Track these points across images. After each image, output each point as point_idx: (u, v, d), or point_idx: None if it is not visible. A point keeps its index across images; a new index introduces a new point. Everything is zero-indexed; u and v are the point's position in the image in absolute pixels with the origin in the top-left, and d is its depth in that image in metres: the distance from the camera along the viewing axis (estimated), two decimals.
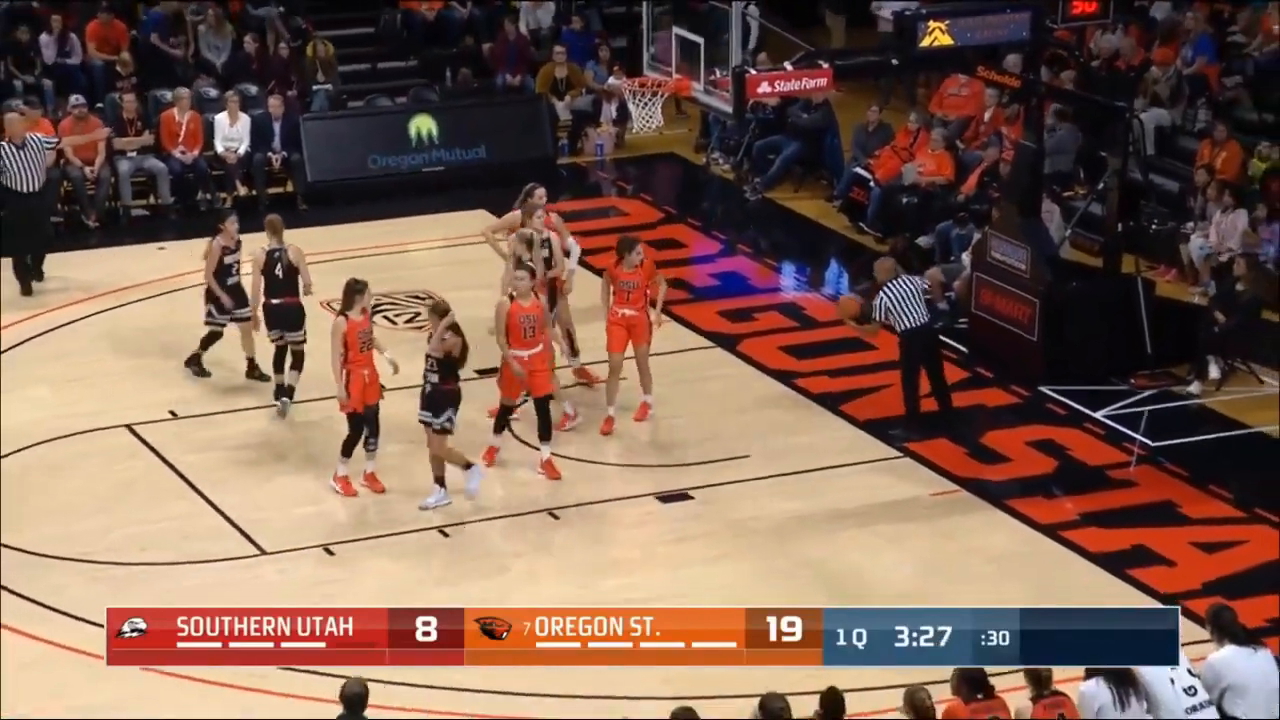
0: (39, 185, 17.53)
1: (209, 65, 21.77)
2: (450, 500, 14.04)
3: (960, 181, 19.57)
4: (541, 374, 14.57)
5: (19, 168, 17.35)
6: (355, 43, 23.27)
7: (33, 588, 13.00)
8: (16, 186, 17.38)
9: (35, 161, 17.41)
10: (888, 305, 15.32)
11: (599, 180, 21.92)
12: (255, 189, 20.40)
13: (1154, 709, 10.11)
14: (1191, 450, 15.30)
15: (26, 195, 17.45)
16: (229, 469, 14.65)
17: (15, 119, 17.77)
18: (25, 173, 17.37)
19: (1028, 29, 15.94)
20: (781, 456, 15.01)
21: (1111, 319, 16.46)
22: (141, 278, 18.32)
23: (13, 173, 17.33)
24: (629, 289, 15.23)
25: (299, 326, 15.41)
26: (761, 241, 20.14)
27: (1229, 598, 11.79)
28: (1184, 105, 20.47)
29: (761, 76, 15.44)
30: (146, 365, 16.50)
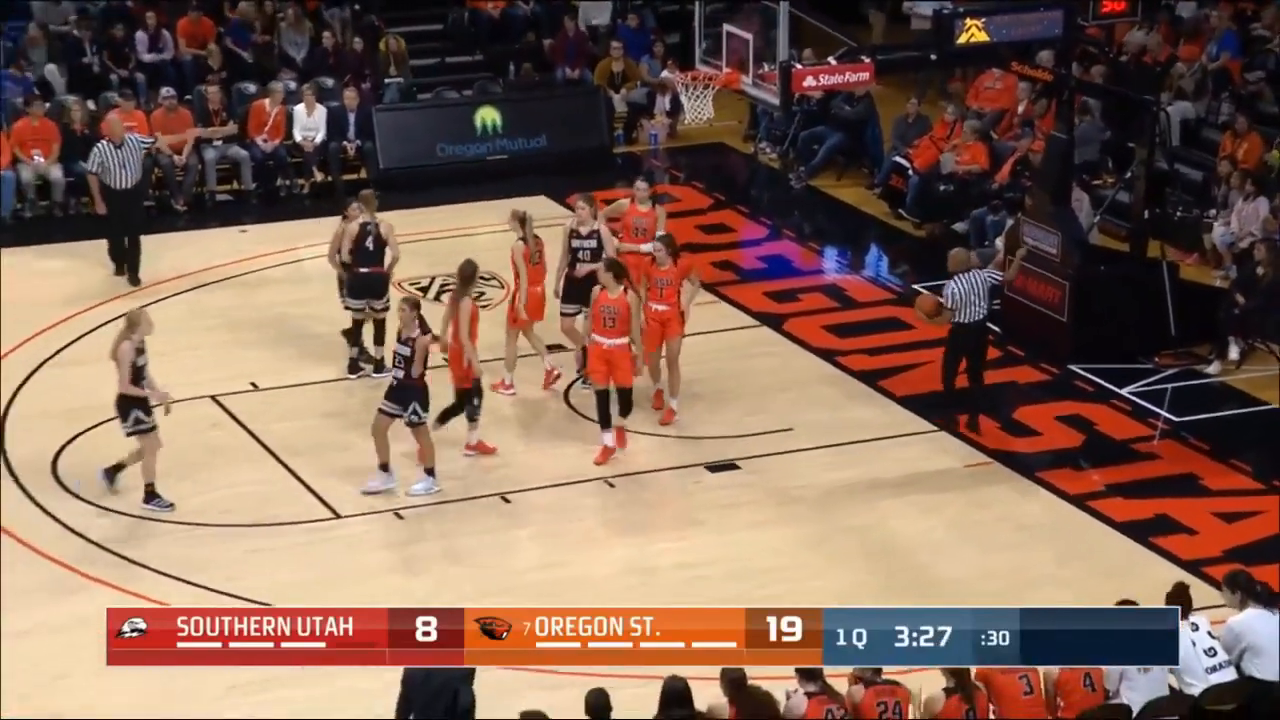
0: (135, 182, 17.48)
1: (290, 60, 21.86)
2: (439, 487, 13.75)
3: (994, 170, 19.47)
4: (623, 367, 14.31)
5: (117, 166, 17.26)
6: (425, 39, 23.28)
7: (126, 547, 13.12)
8: (115, 184, 17.30)
9: (132, 160, 17.32)
10: (958, 296, 14.69)
11: (652, 168, 21.86)
12: (331, 176, 20.47)
13: (1176, 670, 10.07)
14: (1212, 425, 15.22)
15: (123, 192, 17.38)
16: (306, 437, 14.71)
17: (115, 120, 17.66)
18: (123, 171, 17.31)
19: (1060, 26, 15.83)
20: (824, 429, 14.98)
21: (1137, 301, 16.36)
22: (225, 259, 18.42)
23: (112, 170, 17.27)
24: (662, 285, 14.85)
25: (383, 295, 15.43)
26: (805, 227, 20.07)
27: (1247, 565, 11.74)
28: (1208, 99, 20.30)
29: (806, 71, 15.42)
30: (230, 339, 16.61)
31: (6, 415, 15.07)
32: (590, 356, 14.56)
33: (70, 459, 14.29)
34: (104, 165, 17.24)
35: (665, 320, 14.92)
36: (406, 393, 13.51)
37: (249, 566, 12.94)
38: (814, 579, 12.89)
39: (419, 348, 13.43)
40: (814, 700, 9.51)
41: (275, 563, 13.02)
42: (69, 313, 16.95)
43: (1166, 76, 20.39)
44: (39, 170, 19.40)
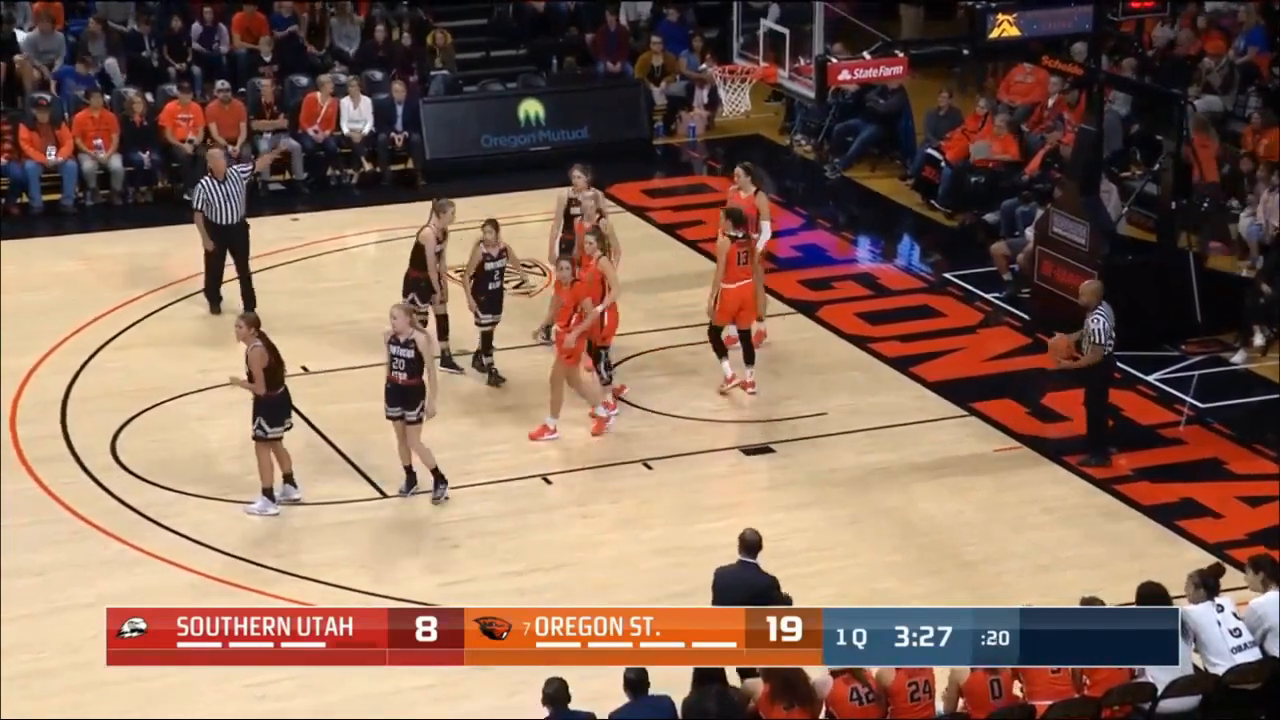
0: (239, 218, 16.51)
1: (342, 53, 21.91)
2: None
3: (1025, 162, 19.38)
4: (748, 308, 14.71)
5: (221, 201, 16.47)
6: (471, 33, 23.29)
7: (179, 523, 13.21)
8: (220, 220, 16.51)
9: (236, 195, 16.51)
10: (1107, 328, 13.83)
11: (691, 159, 21.87)
12: (379, 166, 20.52)
13: (1201, 649, 10.04)
14: (1237, 411, 15.14)
15: (227, 227, 16.56)
16: (354, 420, 14.75)
17: (218, 155, 16.75)
18: (227, 206, 16.49)
19: (1090, 21, 15.75)
20: (857, 414, 14.96)
21: (1164, 290, 16.27)
22: (278, 245, 18.48)
23: (216, 206, 16.47)
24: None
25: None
26: (840, 216, 20.03)
27: (1270, 547, 11.68)
28: (1235, 92, 20.14)
29: (842, 65, 15.36)
30: (280, 324, 16.63)
31: (68, 396, 15.17)
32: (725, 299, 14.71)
33: (128, 439, 14.36)
34: (208, 201, 16.46)
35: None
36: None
37: (299, 544, 13.00)
38: (847, 558, 12.89)
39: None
40: (839, 679, 9.49)
41: (322, 537, 13.09)
42: (128, 297, 17.05)
43: (1195, 70, 20.24)
44: (100, 160, 19.52)
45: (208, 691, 10.94)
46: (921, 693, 9.56)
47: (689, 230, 18.76)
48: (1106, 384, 14.32)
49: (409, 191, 20.07)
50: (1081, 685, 9.75)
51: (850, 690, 9.46)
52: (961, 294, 17.43)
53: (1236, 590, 10.65)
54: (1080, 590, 10.25)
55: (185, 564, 12.62)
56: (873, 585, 12.51)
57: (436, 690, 11.01)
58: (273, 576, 12.49)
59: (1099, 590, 10.33)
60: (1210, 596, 10.11)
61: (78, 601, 12.07)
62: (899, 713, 9.55)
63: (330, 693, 10.98)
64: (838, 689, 9.47)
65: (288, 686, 11.02)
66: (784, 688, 9.36)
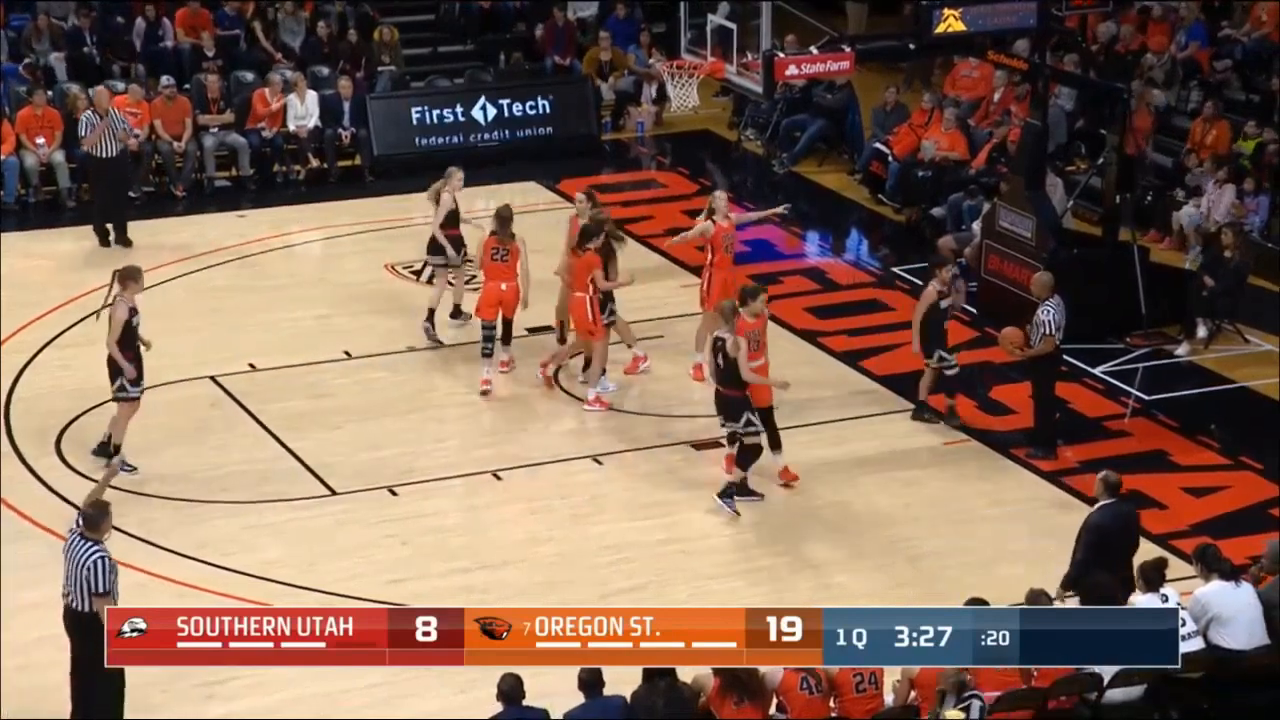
0: (115, 153, 17.82)
1: (287, 48, 21.76)
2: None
3: (971, 157, 19.45)
4: (762, 386, 13.34)
5: (97, 135, 17.63)
6: (417, 29, 23.22)
7: (126, 521, 13.05)
8: (96, 152, 17.71)
9: (112, 131, 17.68)
10: (1057, 320, 13.91)
11: (639, 155, 21.84)
12: (326, 162, 20.40)
13: None
14: (1181, 403, 15.23)
15: (103, 160, 17.79)
16: (303, 417, 14.67)
17: (103, 92, 18.18)
18: (103, 140, 17.65)
19: (1034, 17, 15.80)
20: (807, 408, 14.95)
21: (1109, 283, 16.35)
22: (224, 242, 18.35)
23: (92, 138, 17.60)
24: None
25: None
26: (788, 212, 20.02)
27: (1214, 537, 11.74)
28: (1178, 87, 20.28)
29: (789, 60, 15.34)
30: (228, 321, 16.54)
31: (11, 396, 15.00)
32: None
33: (74, 437, 14.22)
34: (87, 134, 17.67)
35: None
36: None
37: (243, 543, 12.90)
38: (794, 554, 12.87)
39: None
40: (790, 669, 9.48)
41: (272, 536, 12.99)
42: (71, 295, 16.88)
43: (1137, 65, 20.37)
44: (43, 157, 19.33)
45: (153, 694, 10.82)
46: (867, 684, 9.57)
47: (637, 225, 18.73)
48: (1054, 378, 14.38)
49: (356, 188, 19.97)
50: (1029, 676, 9.78)
51: (800, 679, 9.46)
52: (910, 288, 17.46)
53: (1181, 580, 10.72)
54: (1029, 583, 10.27)
55: (132, 564, 12.47)
56: (822, 580, 12.52)
57: (387, 688, 10.94)
58: (219, 575, 12.38)
59: (1047, 584, 10.38)
60: (1154, 589, 10.16)
61: (22, 603, 11.92)
62: (845, 705, 9.56)
63: (279, 692, 10.89)
64: (788, 678, 9.47)
65: (235, 686, 10.93)
66: (733, 683, 9.34)
